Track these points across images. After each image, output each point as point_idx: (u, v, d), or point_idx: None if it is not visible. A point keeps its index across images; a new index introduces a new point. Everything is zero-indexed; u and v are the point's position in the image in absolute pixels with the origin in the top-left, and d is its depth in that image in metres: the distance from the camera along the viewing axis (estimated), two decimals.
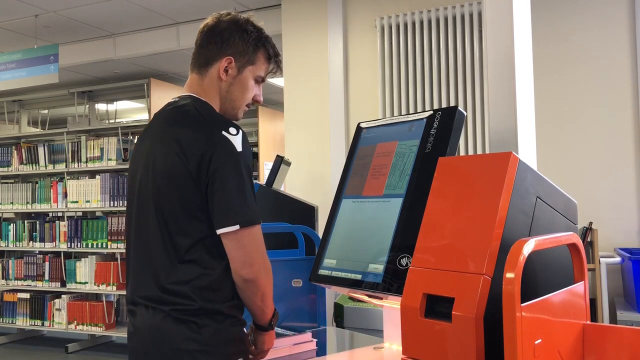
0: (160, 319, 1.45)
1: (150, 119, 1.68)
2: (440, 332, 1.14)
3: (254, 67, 1.62)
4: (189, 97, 1.58)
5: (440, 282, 1.18)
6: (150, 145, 1.56)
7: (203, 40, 1.61)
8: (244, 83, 1.61)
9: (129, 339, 1.56)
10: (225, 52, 1.58)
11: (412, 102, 4.45)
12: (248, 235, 1.44)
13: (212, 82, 1.60)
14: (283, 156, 4.17)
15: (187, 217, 1.46)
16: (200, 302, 1.44)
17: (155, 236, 1.49)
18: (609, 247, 3.77)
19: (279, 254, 2.80)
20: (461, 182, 1.29)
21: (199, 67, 1.61)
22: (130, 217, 1.60)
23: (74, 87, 6.61)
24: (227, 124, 1.49)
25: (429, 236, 1.26)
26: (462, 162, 1.35)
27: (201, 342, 1.43)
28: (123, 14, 5.54)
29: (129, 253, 1.60)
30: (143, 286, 1.51)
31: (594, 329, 1.22)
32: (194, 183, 1.44)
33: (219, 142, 1.44)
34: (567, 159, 4.01)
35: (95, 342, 5.96)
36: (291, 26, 5.02)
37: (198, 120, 1.50)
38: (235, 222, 1.43)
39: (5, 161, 6.33)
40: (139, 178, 1.57)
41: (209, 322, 1.45)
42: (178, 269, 1.45)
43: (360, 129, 1.86)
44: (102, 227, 5.65)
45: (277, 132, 7.29)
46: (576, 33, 4.05)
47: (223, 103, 1.61)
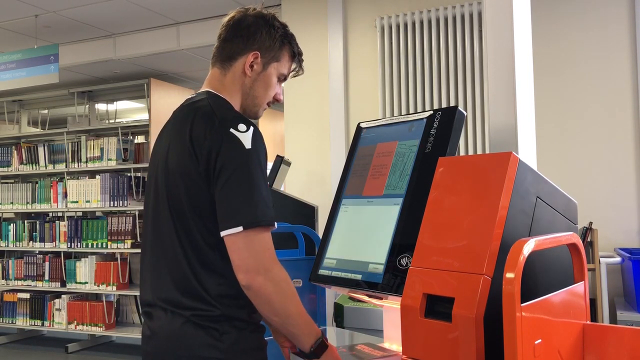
0: (180, 323, 1.39)
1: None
2: (440, 332, 1.14)
3: (278, 64, 1.57)
4: (206, 93, 1.53)
5: (440, 282, 1.18)
6: (166, 144, 1.51)
7: (228, 34, 1.55)
8: (268, 80, 1.57)
9: (145, 342, 1.50)
10: (252, 47, 1.53)
11: (412, 102, 4.45)
12: (247, 238, 1.34)
13: (235, 78, 1.54)
14: (283, 156, 4.17)
15: (200, 219, 1.40)
16: (221, 308, 1.39)
17: (172, 238, 1.43)
18: (609, 247, 3.77)
19: (279, 254, 2.80)
20: (461, 182, 1.29)
21: (222, 61, 1.56)
22: (147, 216, 1.55)
23: (74, 87, 6.60)
24: (237, 120, 1.41)
25: (429, 236, 1.26)
26: (462, 162, 1.35)
27: (222, 350, 1.38)
28: (123, 14, 5.54)
29: (145, 253, 1.55)
30: (162, 288, 1.45)
31: (594, 329, 1.22)
32: (204, 183, 1.38)
33: (225, 139, 1.37)
34: (567, 159, 4.01)
35: (95, 342, 5.96)
36: (291, 26, 4.91)
37: (209, 117, 1.43)
38: (238, 224, 1.33)
39: (5, 161, 6.33)
40: (156, 177, 1.52)
41: (229, 329, 1.40)
42: (198, 273, 1.40)
43: (360, 129, 1.86)
44: (102, 227, 5.65)
45: (277, 132, 7.29)
46: (576, 33, 4.05)
47: (245, 99, 1.56)
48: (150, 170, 1.59)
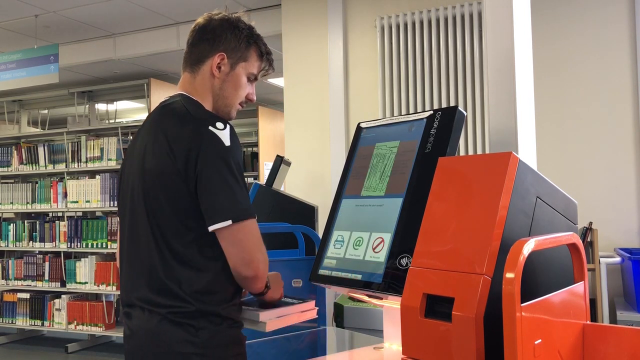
0: (157, 321, 1.43)
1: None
2: (440, 332, 1.14)
3: (246, 64, 1.61)
4: (179, 96, 1.57)
5: (440, 282, 1.18)
6: (141, 146, 1.55)
7: (195, 39, 1.61)
8: (237, 80, 1.60)
9: (125, 341, 1.55)
10: (218, 49, 1.58)
11: (412, 102, 4.45)
12: (242, 230, 1.41)
13: (204, 80, 1.58)
14: (283, 156, 4.17)
15: (177, 217, 1.44)
16: (196, 304, 1.42)
17: (148, 238, 1.47)
18: (609, 247, 3.77)
19: (279, 254, 2.80)
20: (461, 182, 1.29)
21: (191, 65, 1.61)
22: (123, 218, 1.58)
23: (74, 87, 6.61)
24: (214, 118, 1.47)
25: (429, 236, 1.26)
26: (462, 162, 1.35)
27: (198, 345, 1.41)
28: (123, 14, 5.54)
29: (122, 254, 1.59)
30: (138, 288, 1.49)
31: (594, 329, 1.22)
32: (182, 182, 1.42)
33: (205, 137, 1.41)
34: (567, 159, 4.01)
35: (95, 342, 5.96)
36: (291, 26, 5.02)
37: (185, 117, 1.48)
38: (227, 218, 1.39)
39: (5, 161, 6.32)
40: (131, 179, 1.56)
41: (205, 325, 1.43)
42: (173, 270, 1.43)
43: (360, 129, 1.86)
44: (102, 227, 5.65)
45: (277, 132, 7.29)
46: (576, 33, 4.05)
47: (216, 101, 1.60)
48: (124, 172, 1.63)
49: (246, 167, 7.26)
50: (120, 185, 1.65)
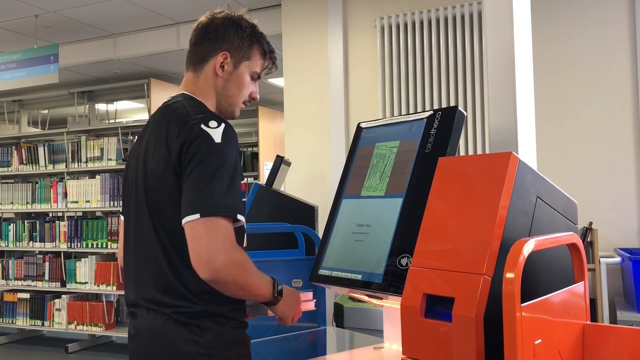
0: (162, 321, 1.43)
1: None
2: (440, 332, 1.14)
3: (249, 63, 1.61)
4: (181, 95, 1.57)
5: (440, 282, 1.18)
6: (143, 146, 1.55)
7: (197, 38, 1.60)
8: (240, 79, 1.60)
9: (130, 341, 1.54)
10: (221, 48, 1.57)
11: (412, 102, 4.45)
12: (206, 225, 1.32)
13: (207, 80, 1.58)
14: (283, 156, 4.17)
15: (177, 217, 1.41)
16: (202, 304, 1.42)
17: (152, 238, 1.47)
18: (609, 247, 3.77)
19: (279, 254, 2.80)
20: (461, 182, 1.29)
21: (194, 64, 1.60)
22: (128, 218, 1.58)
23: (74, 87, 6.61)
24: (208, 117, 1.44)
25: (429, 236, 1.26)
26: (462, 162, 1.35)
27: (203, 345, 1.41)
28: (123, 14, 5.54)
29: (128, 254, 1.58)
30: (144, 288, 1.49)
31: (594, 329, 1.22)
32: (178, 179, 1.41)
33: (196, 135, 1.40)
34: (567, 159, 4.01)
35: (95, 342, 5.96)
36: (291, 26, 5.02)
37: (183, 116, 1.47)
38: (196, 211, 1.33)
39: (5, 161, 6.32)
40: (134, 179, 1.56)
41: (211, 325, 1.43)
42: (178, 270, 1.43)
43: (360, 129, 1.86)
44: (102, 227, 5.65)
45: (277, 132, 7.29)
46: (576, 33, 4.05)
47: (219, 100, 1.59)
48: (128, 173, 1.62)
49: (246, 167, 7.26)
50: (125, 185, 1.65)
